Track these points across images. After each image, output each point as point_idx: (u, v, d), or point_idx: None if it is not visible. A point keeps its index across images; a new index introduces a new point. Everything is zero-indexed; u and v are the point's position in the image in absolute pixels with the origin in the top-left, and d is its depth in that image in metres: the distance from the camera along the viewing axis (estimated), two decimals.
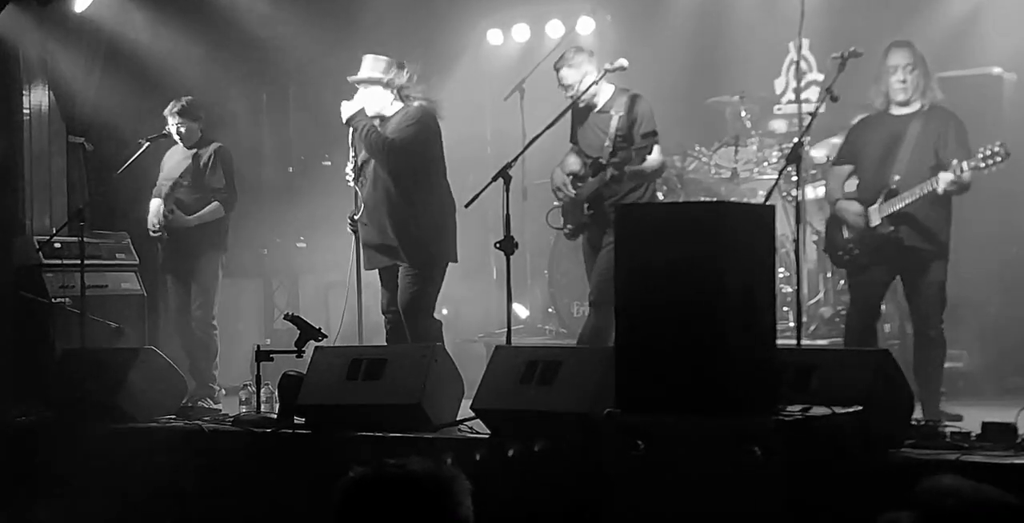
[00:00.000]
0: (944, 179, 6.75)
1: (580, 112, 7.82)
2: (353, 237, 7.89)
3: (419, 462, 2.62)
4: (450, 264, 7.78)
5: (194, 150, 8.93)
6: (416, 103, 7.73)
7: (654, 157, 7.63)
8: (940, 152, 6.93)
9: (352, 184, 7.84)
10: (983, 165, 6.68)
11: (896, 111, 7.12)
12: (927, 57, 7.17)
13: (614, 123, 7.57)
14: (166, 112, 8.90)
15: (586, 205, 7.67)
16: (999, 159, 6.66)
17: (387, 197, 7.68)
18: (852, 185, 7.39)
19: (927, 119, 7.01)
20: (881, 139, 7.11)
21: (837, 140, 8.93)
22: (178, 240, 8.82)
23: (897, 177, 6.96)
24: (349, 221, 7.89)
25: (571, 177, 7.84)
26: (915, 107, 7.07)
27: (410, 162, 7.62)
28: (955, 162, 6.76)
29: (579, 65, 7.71)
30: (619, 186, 7.58)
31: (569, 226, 7.86)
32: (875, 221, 7.01)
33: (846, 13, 9.55)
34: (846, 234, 7.17)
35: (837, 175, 7.41)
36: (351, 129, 7.72)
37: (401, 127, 7.63)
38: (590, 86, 7.65)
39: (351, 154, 7.82)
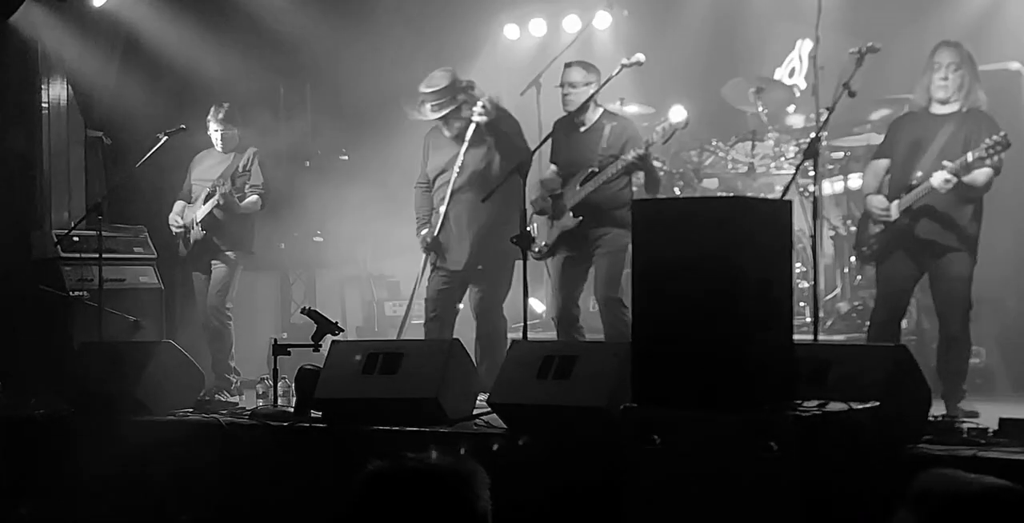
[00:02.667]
0: (938, 177, 6.77)
1: (563, 131, 7.88)
2: (424, 258, 8.20)
3: (438, 456, 2.63)
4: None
5: (231, 154, 9.02)
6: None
7: None
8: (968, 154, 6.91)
9: (433, 193, 8.01)
10: (986, 155, 6.69)
11: (935, 109, 7.10)
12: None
13: (604, 140, 7.62)
14: (209, 117, 9.05)
15: (571, 213, 7.72)
16: (1000, 148, 6.69)
17: (475, 204, 7.96)
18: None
19: (963, 120, 7.00)
20: (915, 136, 7.11)
21: (851, 138, 8.99)
22: (210, 236, 8.90)
23: (919, 173, 6.96)
24: (425, 243, 8.18)
25: (550, 194, 7.91)
26: (954, 107, 7.05)
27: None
28: (956, 160, 6.77)
29: (587, 75, 7.82)
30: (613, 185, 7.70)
31: (545, 243, 7.89)
32: (894, 215, 7.01)
33: (863, 7, 9.53)
34: (872, 229, 7.16)
35: (874, 169, 7.37)
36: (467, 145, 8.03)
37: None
38: (604, 82, 7.68)
39: (457, 166, 7.99)
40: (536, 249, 7.86)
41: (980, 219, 7.00)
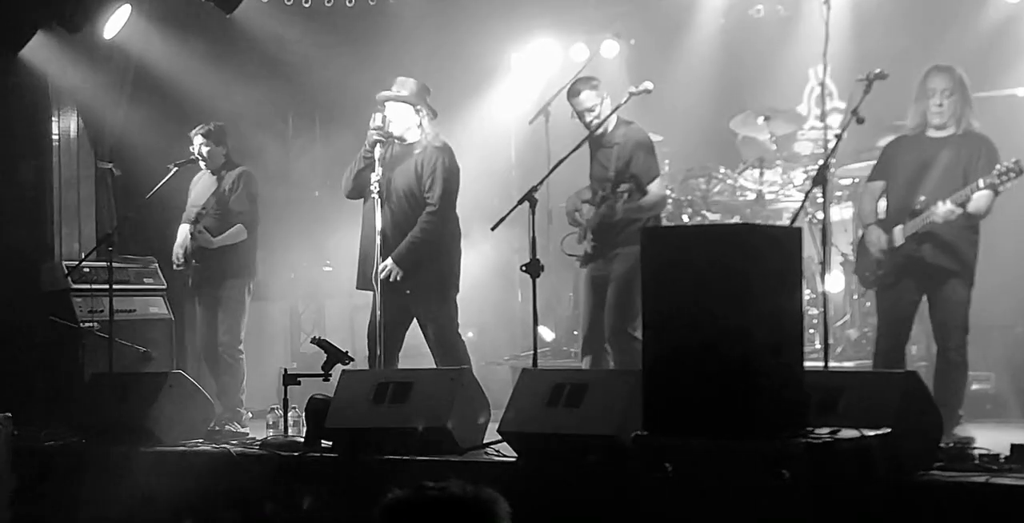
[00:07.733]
0: (941, 209, 6.77)
1: (592, 143, 7.87)
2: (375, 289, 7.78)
3: (459, 485, 2.63)
4: (460, 291, 7.87)
5: (219, 174, 8.95)
6: (440, 141, 7.85)
7: (655, 192, 7.71)
8: (968, 177, 6.91)
9: (376, 197, 7.78)
10: (998, 181, 6.68)
11: (931, 134, 7.13)
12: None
13: (614, 157, 7.62)
14: (192, 133, 8.92)
15: (590, 235, 7.71)
16: (1013, 175, 6.67)
17: (413, 217, 7.73)
18: (883, 204, 7.38)
19: (960, 144, 7.02)
20: (913, 160, 7.12)
21: (860, 164, 8.98)
22: (206, 266, 8.80)
23: (922, 198, 6.97)
24: (371, 279, 7.75)
25: (585, 204, 7.89)
26: (950, 131, 7.07)
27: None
28: (959, 192, 6.77)
29: (598, 87, 7.79)
30: (615, 220, 7.62)
31: (585, 251, 7.88)
32: (899, 241, 7.01)
33: (871, 36, 9.55)
34: (875, 254, 7.15)
35: (870, 191, 7.38)
36: (377, 144, 7.75)
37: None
38: (612, 112, 7.67)
39: (379, 169, 7.78)
40: (578, 258, 7.89)
41: (978, 243, 7.00)
